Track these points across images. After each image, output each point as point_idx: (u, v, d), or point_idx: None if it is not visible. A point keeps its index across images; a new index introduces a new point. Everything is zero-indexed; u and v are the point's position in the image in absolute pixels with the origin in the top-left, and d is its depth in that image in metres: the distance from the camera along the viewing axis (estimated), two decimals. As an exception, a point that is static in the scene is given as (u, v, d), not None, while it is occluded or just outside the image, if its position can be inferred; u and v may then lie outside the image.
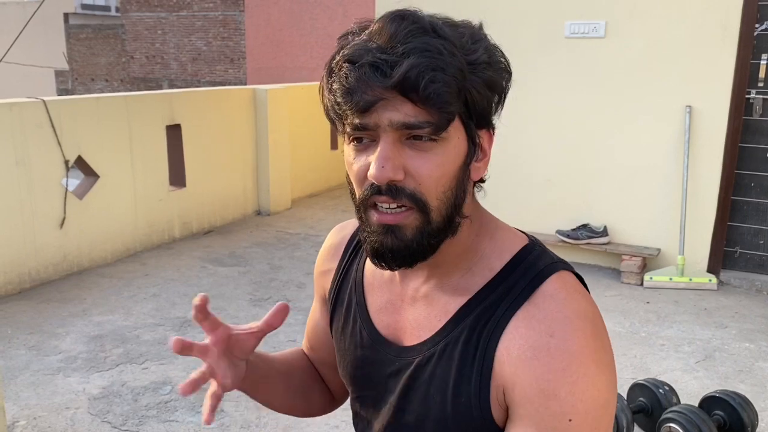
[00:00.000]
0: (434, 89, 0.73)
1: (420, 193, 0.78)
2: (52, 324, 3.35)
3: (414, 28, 0.74)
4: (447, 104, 0.75)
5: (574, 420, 0.77)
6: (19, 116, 3.72)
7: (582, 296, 0.82)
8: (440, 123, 0.75)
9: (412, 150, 0.77)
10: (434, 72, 0.73)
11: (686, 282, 3.93)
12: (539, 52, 4.29)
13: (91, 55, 15.24)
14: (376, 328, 0.94)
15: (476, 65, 0.77)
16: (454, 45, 0.75)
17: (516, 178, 4.49)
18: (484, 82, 0.78)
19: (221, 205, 5.23)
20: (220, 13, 13.17)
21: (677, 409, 2.28)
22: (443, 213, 0.80)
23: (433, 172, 0.78)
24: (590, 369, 0.77)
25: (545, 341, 0.78)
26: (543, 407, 0.78)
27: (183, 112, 4.82)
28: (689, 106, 3.92)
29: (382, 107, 0.75)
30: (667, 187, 4.07)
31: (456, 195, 0.81)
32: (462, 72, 0.75)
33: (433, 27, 0.75)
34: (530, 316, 0.80)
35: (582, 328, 0.79)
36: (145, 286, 3.90)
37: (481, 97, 0.79)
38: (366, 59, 0.74)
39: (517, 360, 0.80)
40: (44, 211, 3.89)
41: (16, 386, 2.72)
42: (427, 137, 0.76)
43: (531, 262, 0.85)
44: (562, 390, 0.77)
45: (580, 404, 0.77)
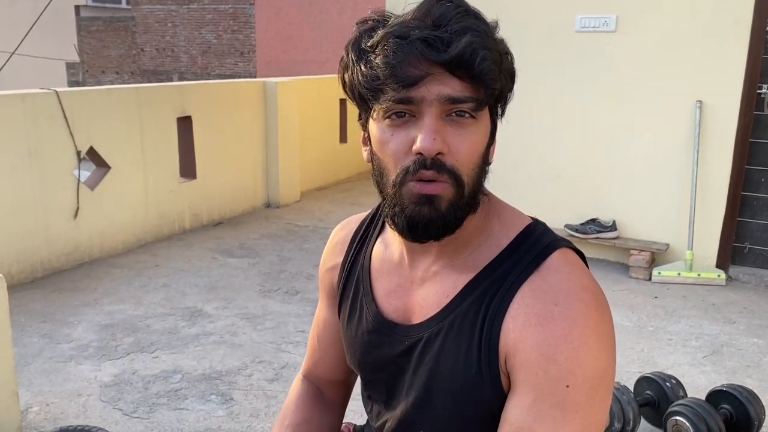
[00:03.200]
0: (486, 66, 0.78)
1: (457, 168, 0.82)
2: (64, 313, 3.39)
3: (461, 10, 0.80)
4: (494, 81, 0.80)
5: (571, 386, 0.80)
6: (32, 107, 3.75)
7: (584, 271, 0.87)
8: (485, 99, 0.81)
9: (452, 127, 0.81)
10: (485, 51, 0.78)
11: (695, 277, 3.92)
12: (549, 46, 4.28)
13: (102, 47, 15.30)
14: (383, 312, 0.97)
15: (504, 54, 0.84)
16: (493, 31, 0.83)
17: (525, 172, 4.49)
18: (509, 71, 0.85)
19: (231, 197, 5.26)
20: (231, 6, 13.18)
21: (684, 402, 2.28)
22: (472, 188, 0.85)
23: (469, 148, 0.82)
24: (591, 338, 0.80)
25: (550, 309, 0.82)
26: (543, 371, 0.80)
27: (194, 104, 4.84)
28: (700, 101, 3.91)
29: (430, 81, 0.78)
30: (676, 182, 4.06)
31: (481, 172, 0.86)
32: (500, 56, 0.82)
33: (476, 13, 0.81)
34: (536, 287, 0.84)
35: (585, 299, 0.82)
36: (156, 276, 3.94)
37: (507, 84, 0.86)
38: (416, 35, 0.78)
39: (522, 327, 0.83)
40: (56, 202, 3.93)
41: (29, 373, 2.76)
42: (469, 114, 0.81)
43: (536, 238, 0.89)
44: (562, 355, 0.80)
45: (578, 371, 0.80)
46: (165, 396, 2.61)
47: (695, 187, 3.94)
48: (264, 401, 2.58)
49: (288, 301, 3.58)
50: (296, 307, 3.50)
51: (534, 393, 0.81)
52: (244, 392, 2.65)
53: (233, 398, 2.60)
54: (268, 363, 2.88)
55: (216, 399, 2.60)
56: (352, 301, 1.02)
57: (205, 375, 2.78)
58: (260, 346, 3.03)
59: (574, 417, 0.80)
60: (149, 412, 2.51)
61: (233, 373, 2.79)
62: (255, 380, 2.74)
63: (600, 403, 0.82)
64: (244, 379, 2.74)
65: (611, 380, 0.84)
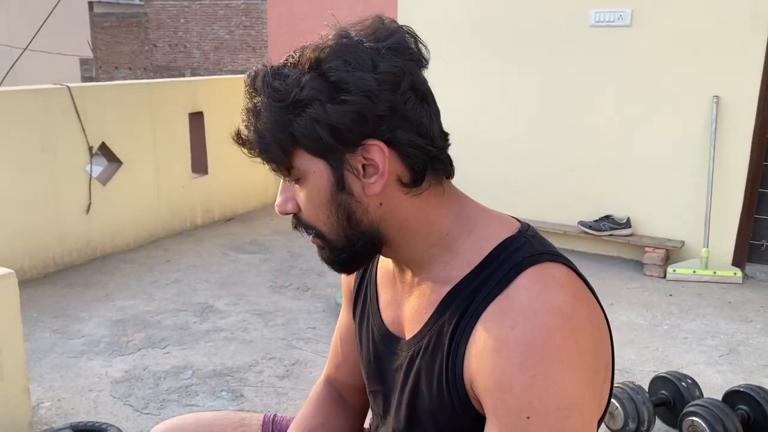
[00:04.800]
0: (249, 147, 0.84)
1: (312, 223, 0.86)
2: (76, 308, 3.39)
3: (247, 89, 0.85)
4: (269, 159, 0.83)
5: (532, 418, 0.73)
6: (44, 103, 3.76)
7: (562, 290, 0.78)
8: (279, 170, 0.85)
9: (295, 185, 0.86)
10: (251, 133, 0.83)
11: (710, 275, 3.87)
12: (564, 41, 4.23)
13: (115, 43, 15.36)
14: (384, 322, 0.97)
15: (299, 104, 0.79)
16: (271, 98, 0.81)
17: (538, 168, 4.45)
18: (311, 118, 0.79)
19: (243, 193, 5.26)
20: (243, 2, 13.19)
21: (700, 402, 2.25)
22: (339, 235, 0.85)
23: (309, 205, 0.85)
24: (551, 366, 0.73)
25: (506, 333, 0.76)
26: (500, 401, 0.75)
27: (206, 100, 4.84)
28: (716, 97, 3.85)
29: None
30: (691, 178, 4.01)
31: (343, 218, 0.84)
32: (276, 126, 0.80)
33: (255, 88, 0.83)
34: (499, 309, 0.78)
35: (548, 323, 0.75)
36: (167, 272, 3.94)
37: (311, 133, 0.80)
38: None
39: (481, 352, 0.78)
40: (68, 197, 3.94)
41: (40, 368, 2.77)
42: (289, 177, 0.86)
43: (510, 253, 0.83)
44: (517, 385, 0.74)
45: (537, 402, 0.73)
46: (176, 392, 2.61)
47: (711, 184, 3.88)
48: (274, 398, 2.57)
49: (299, 297, 3.56)
50: (307, 303, 3.49)
51: (498, 424, 0.76)
52: (255, 389, 2.64)
53: (243, 395, 2.59)
54: (279, 360, 2.87)
55: (227, 395, 2.59)
56: (362, 309, 1.03)
57: (216, 371, 2.77)
58: (271, 343, 3.02)
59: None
60: (160, 408, 2.50)
61: (244, 370, 2.78)
62: (265, 377, 2.73)
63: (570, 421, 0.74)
64: (255, 376, 2.73)
65: (587, 413, 0.76)
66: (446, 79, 4.65)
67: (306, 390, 2.63)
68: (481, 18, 4.50)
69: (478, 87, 4.57)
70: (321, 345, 2.99)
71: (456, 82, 4.64)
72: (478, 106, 4.58)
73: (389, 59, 0.79)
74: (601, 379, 0.81)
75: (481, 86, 4.56)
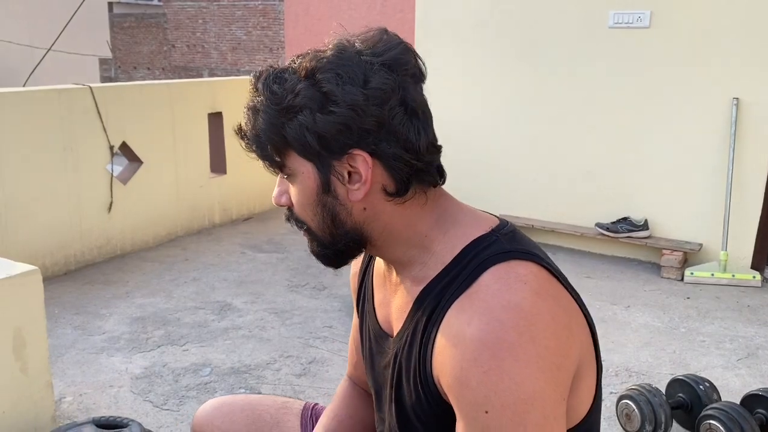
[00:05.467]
0: (247, 142, 0.91)
1: (301, 218, 0.92)
2: (96, 305, 3.44)
3: (251, 88, 0.90)
4: (263, 156, 0.90)
5: (490, 412, 0.75)
6: (67, 102, 3.81)
7: (524, 287, 0.80)
8: (272, 168, 0.91)
9: (288, 181, 0.92)
10: (249, 131, 0.90)
11: (729, 278, 3.85)
12: (582, 42, 4.23)
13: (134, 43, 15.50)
14: (378, 321, 1.02)
15: (292, 110, 0.84)
16: (269, 100, 0.86)
17: (555, 169, 4.44)
18: (301, 124, 0.84)
19: (260, 192, 5.29)
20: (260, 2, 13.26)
21: (718, 406, 2.24)
22: (325, 231, 0.91)
23: (296, 200, 0.91)
24: (505, 361, 0.75)
25: (464, 330, 0.79)
26: (461, 396, 0.78)
27: (225, 100, 4.88)
28: (736, 98, 3.83)
29: None
30: (710, 180, 3.98)
31: (328, 218, 0.89)
32: (271, 127, 0.86)
33: (256, 89, 0.88)
34: (460, 307, 0.81)
35: (503, 319, 0.77)
36: (186, 270, 3.98)
37: (299, 137, 0.85)
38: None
39: (443, 349, 0.81)
40: (90, 196, 3.99)
41: (62, 364, 2.82)
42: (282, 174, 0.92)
43: (477, 252, 0.85)
44: (473, 379, 0.76)
45: (494, 396, 0.75)
46: (194, 389, 2.64)
47: (730, 186, 3.86)
48: (292, 395, 2.59)
49: (316, 297, 3.59)
50: (323, 302, 3.51)
51: (462, 419, 0.79)
52: (272, 386, 2.67)
53: (261, 392, 2.62)
54: (296, 358, 2.89)
55: (245, 392, 2.62)
56: (362, 308, 1.09)
57: (234, 369, 2.80)
58: (288, 341, 3.05)
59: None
60: (179, 404, 2.54)
61: (261, 368, 2.81)
62: (283, 375, 2.75)
63: (534, 430, 0.76)
64: (273, 374, 2.76)
65: (548, 406, 0.77)
66: (464, 79, 4.67)
67: (322, 388, 2.65)
68: (500, 19, 4.50)
69: (496, 87, 4.57)
70: (337, 344, 3.02)
71: (474, 82, 4.65)
72: (496, 107, 4.59)
73: (381, 75, 0.83)
74: (567, 375, 0.81)
75: (499, 86, 4.56)
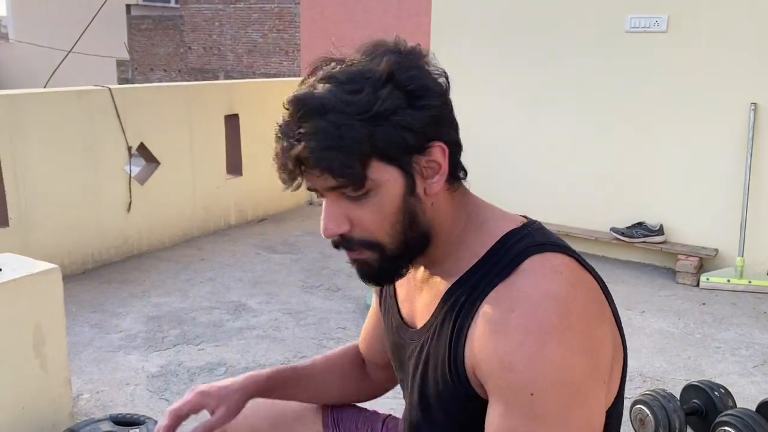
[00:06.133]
0: (327, 166, 0.81)
1: (368, 237, 0.86)
2: (113, 304, 3.48)
3: (304, 111, 0.82)
4: (344, 174, 0.81)
5: (536, 395, 0.78)
6: (87, 104, 3.87)
7: (560, 277, 0.83)
8: (353, 185, 0.83)
9: (352, 203, 0.85)
10: (323, 151, 0.80)
11: (745, 284, 3.82)
12: (599, 47, 4.22)
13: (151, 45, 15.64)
14: (401, 315, 1.04)
15: (380, 116, 0.81)
16: (347, 113, 0.80)
17: (570, 173, 4.44)
18: (397, 125, 0.82)
19: (275, 194, 5.33)
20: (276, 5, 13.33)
21: (733, 413, 2.23)
22: (398, 242, 0.88)
23: (375, 218, 0.85)
24: (549, 345, 0.78)
25: (506, 317, 0.81)
26: (504, 380, 0.80)
27: (241, 102, 4.92)
28: (754, 104, 3.80)
29: (307, 176, 0.84)
30: (727, 186, 3.96)
31: (407, 222, 0.87)
32: (358, 138, 0.81)
33: (323, 105, 0.81)
34: (498, 296, 0.84)
35: (546, 306, 0.80)
36: (202, 270, 4.01)
37: (396, 138, 0.83)
38: (280, 137, 0.86)
39: (481, 336, 0.83)
40: (108, 196, 4.04)
41: (80, 361, 2.85)
42: (356, 194, 0.84)
43: (512, 244, 0.88)
44: (519, 363, 0.78)
45: (540, 380, 0.78)
46: (210, 388, 2.66)
47: (747, 192, 3.83)
48: (306, 396, 2.60)
49: (330, 298, 3.61)
50: (337, 303, 3.53)
51: (503, 403, 0.81)
52: (287, 387, 2.68)
53: (276, 392, 2.64)
54: (310, 358, 2.91)
55: (259, 392, 2.64)
56: (384, 304, 1.11)
57: (249, 368, 2.82)
58: (302, 342, 3.07)
59: (549, 426, 0.78)
60: (194, 403, 2.56)
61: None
62: (297, 375, 2.77)
63: (579, 411, 0.79)
64: (287, 374, 2.78)
65: (590, 389, 0.81)
66: (481, 83, 4.67)
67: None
68: (516, 22, 4.50)
69: (512, 91, 4.57)
70: (351, 345, 3.03)
71: (490, 86, 4.65)
72: (512, 110, 4.59)
73: (432, 68, 0.88)
74: (606, 361, 0.84)
75: (516, 90, 4.56)
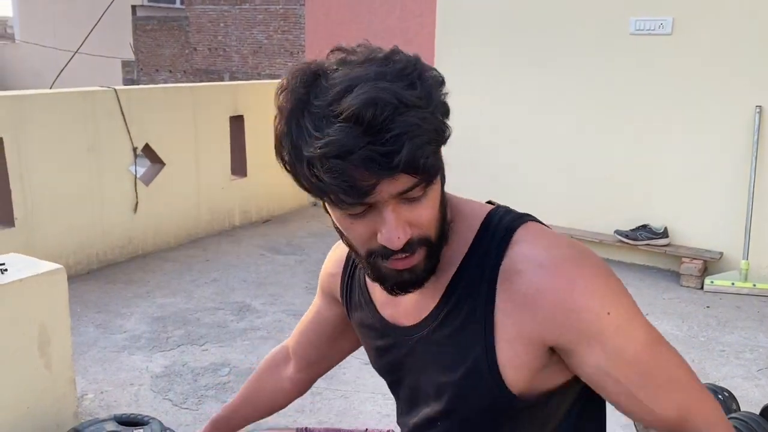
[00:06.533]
0: (430, 163, 0.77)
1: (424, 234, 0.85)
2: (118, 304, 3.49)
3: (389, 111, 0.74)
4: (438, 167, 0.80)
5: (612, 312, 0.83)
6: (92, 104, 3.88)
7: (556, 235, 0.90)
8: (432, 179, 0.81)
9: (410, 204, 0.81)
10: (423, 148, 0.76)
11: (749, 287, 3.81)
12: (602, 49, 4.22)
13: (156, 46, 15.67)
14: (385, 318, 1.03)
15: (437, 106, 0.79)
16: (420, 106, 0.76)
17: (575, 175, 4.43)
18: (440, 111, 0.80)
19: (279, 195, 5.34)
20: (281, 6, 13.34)
21: (737, 416, 2.22)
22: (441, 233, 0.88)
23: (432, 215, 0.84)
24: (586, 270, 0.85)
25: (537, 279, 0.84)
26: (574, 320, 0.83)
27: (246, 103, 4.93)
28: (759, 107, 3.80)
29: (380, 187, 0.77)
30: (732, 189, 3.95)
31: (444, 215, 0.88)
32: (436, 129, 0.79)
33: (401, 100, 0.75)
34: (511, 269, 0.86)
35: (563, 250, 0.87)
36: (206, 271, 4.02)
37: (445, 127, 0.82)
38: (359, 154, 0.74)
39: (522, 309, 0.85)
40: (113, 196, 4.05)
41: (84, 361, 2.86)
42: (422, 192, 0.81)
43: (497, 222, 0.91)
44: (580, 298, 0.82)
45: (608, 297, 0.84)
46: (213, 388, 2.67)
47: (752, 195, 3.82)
48: (309, 398, 2.61)
49: (334, 300, 3.61)
50: (342, 305, 3.53)
51: (588, 342, 0.84)
52: (290, 388, 2.69)
53: (279, 393, 2.64)
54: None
55: (262, 393, 2.64)
56: (361, 311, 1.09)
57: (253, 369, 2.81)
58: (306, 343, 3.07)
59: (639, 323, 0.86)
60: (198, 403, 2.57)
61: (279, 369, 2.83)
62: (301, 376, 2.77)
63: (629, 298, 0.87)
64: (290, 375, 2.78)
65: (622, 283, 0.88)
66: (484, 84, 4.67)
67: (339, 390, 2.67)
68: (520, 24, 4.50)
69: (516, 92, 4.57)
70: (355, 347, 3.03)
71: (494, 87, 4.65)
72: (516, 112, 4.58)
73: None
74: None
75: (519, 92, 4.56)
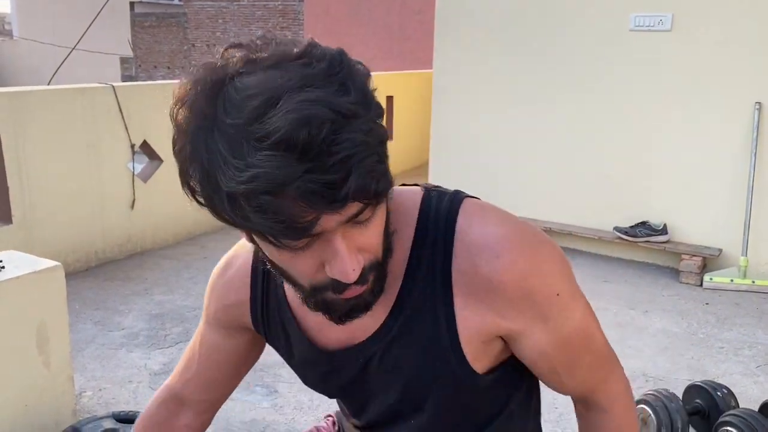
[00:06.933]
0: (382, 186, 0.68)
1: (375, 259, 0.76)
2: (116, 301, 3.49)
3: (327, 129, 0.62)
4: (390, 184, 0.70)
5: (561, 294, 0.85)
6: (90, 101, 3.87)
7: (489, 212, 0.86)
8: (380, 198, 0.70)
9: (356, 228, 0.71)
10: (375, 169, 0.66)
11: (748, 284, 3.81)
12: (602, 45, 4.21)
13: (155, 42, 15.66)
14: (323, 344, 0.94)
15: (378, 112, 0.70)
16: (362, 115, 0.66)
17: (574, 172, 4.43)
18: (378, 114, 0.70)
19: (278, 192, 5.33)
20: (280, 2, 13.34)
21: (736, 413, 2.22)
22: (387, 252, 0.80)
23: (378, 232, 0.75)
24: (538, 251, 0.84)
25: (495, 267, 0.81)
26: (530, 301, 0.83)
27: (243, 99, 4.92)
28: (759, 103, 3.79)
29: (325, 218, 0.66)
30: (731, 185, 3.95)
31: (389, 226, 0.80)
32: (381, 141, 0.69)
33: (337, 111, 0.63)
34: (464, 266, 0.83)
35: (507, 228, 0.84)
36: (204, 268, 4.02)
37: (384, 133, 0.73)
38: (295, 187, 0.62)
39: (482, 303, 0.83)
40: (112, 193, 4.04)
41: (83, 358, 2.86)
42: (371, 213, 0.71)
43: (434, 212, 0.85)
44: (535, 283, 0.83)
45: (557, 279, 0.85)
46: (212, 386, 2.67)
47: (751, 192, 3.82)
48: (307, 395, 2.61)
49: (332, 297, 3.61)
50: (340, 302, 3.53)
51: (540, 321, 0.85)
52: (288, 385, 2.69)
53: (278, 390, 2.64)
54: None
55: (261, 390, 2.64)
56: (285, 340, 0.98)
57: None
58: (305, 340, 3.07)
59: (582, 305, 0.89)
60: (197, 401, 2.56)
61: (278, 366, 2.83)
62: (299, 374, 2.77)
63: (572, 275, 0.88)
64: (289, 372, 2.78)
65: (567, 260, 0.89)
66: (483, 81, 4.66)
67: (339, 388, 2.67)
68: (520, 21, 4.49)
69: (515, 89, 4.57)
70: (354, 344, 3.03)
71: (493, 84, 4.64)
72: (515, 109, 4.58)
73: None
74: None
75: (519, 89, 4.55)
